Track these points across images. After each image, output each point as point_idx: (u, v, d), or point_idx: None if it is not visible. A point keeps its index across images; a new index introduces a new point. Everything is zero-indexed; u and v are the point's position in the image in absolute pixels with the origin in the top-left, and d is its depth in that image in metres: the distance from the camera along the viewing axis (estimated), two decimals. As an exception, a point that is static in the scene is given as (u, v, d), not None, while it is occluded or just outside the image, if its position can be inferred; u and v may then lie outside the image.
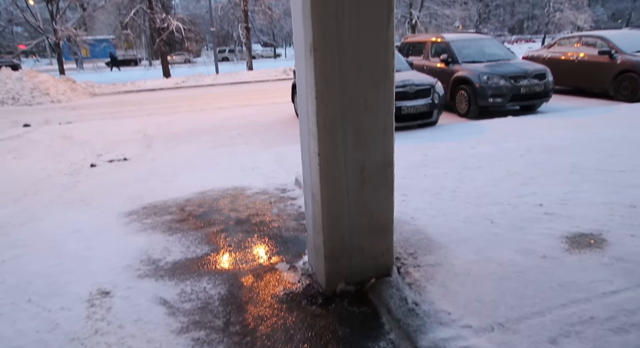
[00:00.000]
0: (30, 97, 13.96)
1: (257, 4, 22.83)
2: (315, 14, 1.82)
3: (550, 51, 10.73)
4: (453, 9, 30.89)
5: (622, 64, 8.75)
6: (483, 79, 7.84)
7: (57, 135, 8.27)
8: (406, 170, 4.44)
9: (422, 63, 9.30)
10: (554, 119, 7.07)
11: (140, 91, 17.56)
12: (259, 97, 13.10)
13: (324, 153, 2.06)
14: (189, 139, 7.44)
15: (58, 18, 21.20)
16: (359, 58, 1.93)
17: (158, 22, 20.57)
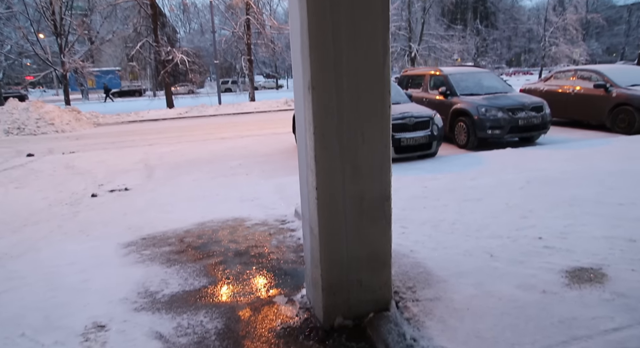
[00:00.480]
0: (36, 127, 14.16)
1: (260, 38, 23.47)
2: (313, 53, 1.88)
3: (547, 84, 10.94)
4: (451, 42, 31.68)
5: (617, 97, 8.91)
6: (481, 111, 7.96)
7: (59, 165, 8.34)
8: (406, 202, 4.45)
9: (421, 95, 9.47)
10: (553, 151, 7.13)
11: (144, 121, 17.82)
12: (260, 127, 13.27)
13: (322, 186, 2.08)
14: (190, 169, 7.49)
15: (66, 51, 21.82)
16: (356, 94, 1.99)
17: (163, 54, 21.10)
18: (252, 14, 22.43)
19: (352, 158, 2.07)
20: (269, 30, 23.62)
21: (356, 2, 1.89)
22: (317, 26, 1.86)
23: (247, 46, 23.12)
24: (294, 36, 2.06)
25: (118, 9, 23.08)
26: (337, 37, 1.89)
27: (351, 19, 1.88)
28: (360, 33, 1.91)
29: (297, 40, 2.01)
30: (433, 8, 33.29)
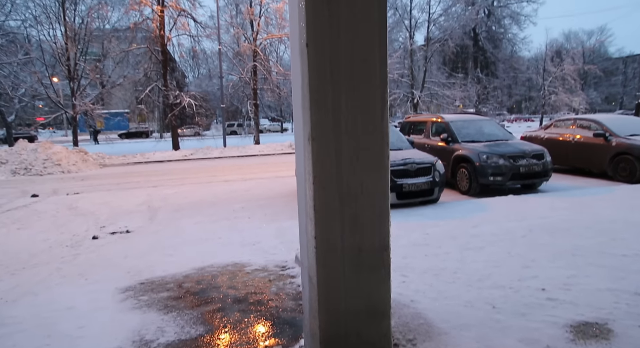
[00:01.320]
0: (42, 168, 14.36)
1: (266, 83, 24.19)
2: (313, 106, 1.96)
3: (547, 132, 11.10)
4: (453, 89, 32.46)
5: (617, 146, 9.01)
6: (483, 158, 8.05)
7: (63, 206, 8.39)
8: (407, 249, 4.42)
9: (423, 142, 9.61)
10: (555, 198, 7.13)
11: (149, 163, 18.06)
12: (264, 170, 13.40)
13: (321, 236, 2.10)
14: (193, 211, 7.51)
15: (78, 94, 22.50)
16: (356, 146, 2.05)
17: (171, 98, 21.70)
18: (259, 61, 23.26)
19: (351, 208, 2.10)
20: (275, 76, 24.39)
21: (355, 56, 1.99)
22: (317, 80, 1.94)
23: (253, 91, 23.79)
24: (296, 89, 2.15)
25: (130, 55, 24.00)
26: (336, 91, 1.97)
27: (350, 74, 1.98)
28: (359, 87, 2.00)
29: (298, 93, 2.10)
30: (434, 57, 34.41)
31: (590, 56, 53.91)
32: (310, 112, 1.95)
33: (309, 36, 1.84)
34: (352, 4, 1.88)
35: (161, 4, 21.26)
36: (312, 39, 1.84)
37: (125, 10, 22.36)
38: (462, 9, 34.96)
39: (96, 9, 23.80)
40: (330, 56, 1.87)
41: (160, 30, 21.35)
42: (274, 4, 23.30)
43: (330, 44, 1.85)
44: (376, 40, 1.92)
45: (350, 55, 1.90)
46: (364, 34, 1.90)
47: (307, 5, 1.82)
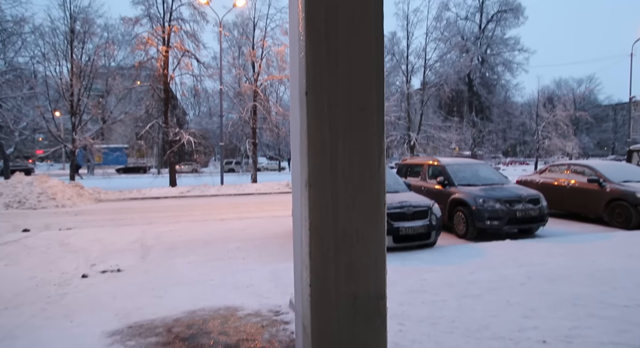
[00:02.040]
0: (36, 202, 14.25)
1: (266, 123, 24.55)
2: (311, 152, 1.97)
3: (542, 177, 11.20)
4: (449, 133, 33.01)
5: (611, 192, 9.07)
6: (479, 202, 8.06)
7: (54, 241, 8.25)
8: (404, 296, 4.32)
9: (420, 184, 9.65)
10: (553, 244, 7.08)
11: (145, 199, 17.96)
12: (260, 209, 13.33)
13: (315, 284, 2.05)
14: (187, 250, 7.39)
15: (79, 129, 22.72)
16: (352, 193, 2.04)
17: (171, 135, 21.93)
18: (259, 101, 23.72)
19: (347, 255, 2.07)
20: (274, 116, 24.80)
21: (353, 105, 2.02)
22: (315, 127, 1.97)
23: (252, 130, 24.10)
24: (294, 134, 2.17)
25: (133, 92, 24.48)
26: (334, 138, 1.99)
27: (348, 122, 2.00)
28: (357, 135, 2.02)
29: (296, 138, 2.12)
30: (431, 101, 35.22)
31: (580, 103, 55.39)
32: (308, 159, 1.96)
33: (308, 85, 1.87)
34: (350, 55, 1.93)
35: (166, 44, 21.94)
36: (312, 88, 1.88)
37: (132, 49, 23.00)
38: (456, 56, 36.18)
39: (103, 48, 24.47)
40: (329, 105, 1.90)
41: (164, 70, 21.89)
42: (276, 47, 24.08)
43: (329, 92, 1.89)
44: (374, 90, 1.96)
45: (348, 104, 1.93)
46: (362, 84, 1.94)
47: (307, 55, 1.87)
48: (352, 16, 2.25)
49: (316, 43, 2.13)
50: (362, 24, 2.32)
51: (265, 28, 24.37)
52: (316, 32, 2.16)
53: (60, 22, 22.94)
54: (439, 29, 34.32)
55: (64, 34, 22.88)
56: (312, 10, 2.24)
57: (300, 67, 2.08)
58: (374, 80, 2.00)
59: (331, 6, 2.25)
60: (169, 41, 22.06)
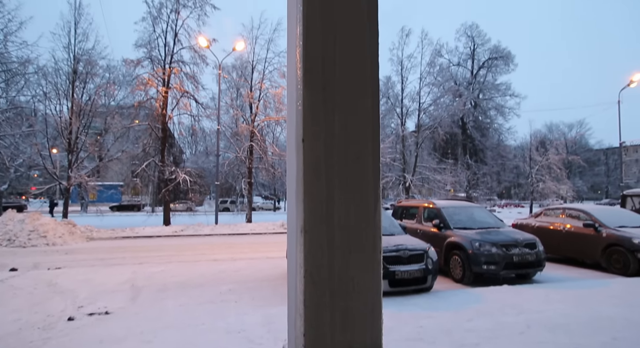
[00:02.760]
0: (27, 239, 14.01)
1: (262, 162, 24.70)
2: (307, 199, 1.98)
3: (537, 220, 11.20)
4: (444, 174, 33.28)
5: (608, 237, 9.05)
6: (475, 245, 8.00)
7: (41, 281, 8.04)
8: (400, 344, 4.20)
9: (416, 227, 9.61)
10: (551, 290, 6.97)
11: (138, 238, 17.70)
12: (254, 250, 13.14)
13: (310, 333, 1.99)
14: (178, 292, 7.21)
15: (75, 166, 22.73)
16: (348, 240, 2.03)
17: (167, 173, 21.96)
18: (256, 141, 23.98)
19: (342, 304, 2.03)
20: (271, 156, 24.99)
21: (349, 153, 2.05)
22: (311, 174, 1.98)
23: (248, 170, 24.20)
24: (290, 180, 2.18)
25: (131, 131, 24.73)
26: (330, 185, 2.00)
27: (344, 170, 2.02)
28: (353, 182, 2.03)
29: (292, 185, 2.12)
30: (425, 143, 35.74)
31: (572, 147, 56.41)
32: (304, 205, 1.96)
33: (305, 133, 1.91)
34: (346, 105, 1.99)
35: (166, 85, 22.42)
36: (308, 136, 1.91)
37: (132, 89, 23.47)
38: (450, 100, 37.15)
39: (104, 88, 24.96)
40: (325, 153, 1.93)
41: (162, 109, 22.25)
42: (273, 89, 24.66)
43: (325, 141, 1.92)
44: (369, 139, 2.00)
45: (344, 152, 1.96)
46: (358, 133, 1.98)
47: (305, 104, 1.92)
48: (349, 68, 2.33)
49: (313, 93, 2.19)
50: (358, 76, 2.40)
51: (264, 71, 25.07)
52: (314, 82, 2.23)
53: (63, 63, 23.53)
54: (433, 74, 35.43)
55: (66, 75, 23.39)
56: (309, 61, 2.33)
57: (297, 114, 2.13)
58: (370, 129, 2.04)
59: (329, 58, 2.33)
60: (169, 82, 22.56)
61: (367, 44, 1.25)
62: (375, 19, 1.13)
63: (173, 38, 22.78)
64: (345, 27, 1.19)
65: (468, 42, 41.44)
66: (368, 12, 1.21)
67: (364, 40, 1.33)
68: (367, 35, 1.16)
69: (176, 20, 22.77)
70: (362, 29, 1.18)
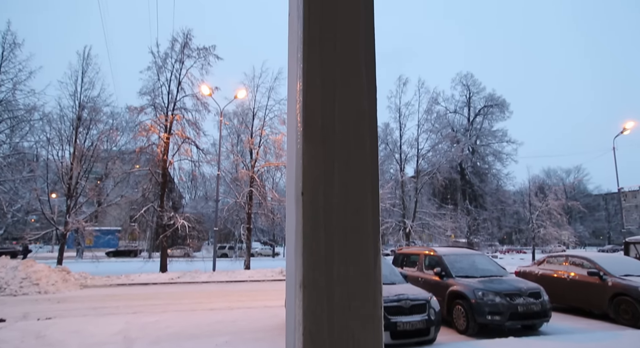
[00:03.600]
0: (18, 288, 13.67)
1: (261, 208, 24.63)
2: (305, 253, 1.94)
3: (541, 268, 11.00)
4: (444, 220, 33.10)
5: (614, 286, 8.84)
6: (478, 295, 7.81)
7: (30, 333, 7.75)
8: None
9: (417, 275, 9.42)
10: (559, 343, 6.72)
11: (133, 285, 17.29)
12: (252, 298, 12.79)
13: (308, 396, 1.90)
14: (172, 344, 6.94)
15: (73, 212, 22.61)
16: (348, 296, 1.98)
17: (165, 219, 21.83)
18: (256, 187, 24.05)
19: (342, 364, 1.94)
20: (270, 202, 24.96)
21: (348, 207, 2.04)
22: (310, 228, 1.96)
23: (247, 215, 24.09)
24: (289, 233, 2.16)
25: (131, 175, 24.86)
26: (329, 239, 1.97)
27: (343, 223, 2.01)
28: (352, 236, 2.01)
29: (291, 238, 2.10)
30: (424, 188, 35.83)
31: (571, 192, 56.54)
32: (303, 259, 1.93)
33: (304, 186, 1.91)
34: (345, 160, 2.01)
35: (168, 131, 22.80)
36: (308, 189, 1.91)
37: (134, 135, 23.85)
38: (447, 146, 37.66)
39: (107, 134, 25.35)
40: (325, 206, 1.93)
41: (163, 155, 22.49)
42: (273, 135, 25.07)
43: (324, 194, 1.92)
44: (368, 193, 2.00)
45: (344, 206, 1.96)
46: (357, 187, 1.98)
47: (304, 158, 1.94)
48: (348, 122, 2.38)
49: (313, 147, 2.22)
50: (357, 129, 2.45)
51: (264, 118, 25.60)
52: (313, 136, 2.26)
53: (68, 110, 24.02)
54: (430, 121, 36.15)
55: (70, 121, 23.81)
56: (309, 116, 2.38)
57: (297, 168, 2.14)
58: (369, 182, 2.05)
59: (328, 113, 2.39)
60: (171, 128, 22.97)
61: (365, 98, 1.27)
62: (373, 73, 1.16)
63: (177, 86, 23.47)
64: (344, 83, 1.22)
65: (464, 90, 42.67)
66: (366, 68, 1.24)
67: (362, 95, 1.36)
68: (365, 91, 1.19)
69: (180, 70, 23.59)
70: (360, 85, 1.21)
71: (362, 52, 1.23)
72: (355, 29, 1.20)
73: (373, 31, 1.16)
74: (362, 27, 1.18)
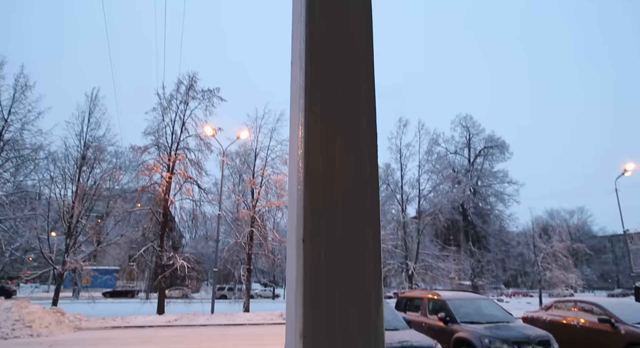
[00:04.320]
0: (10, 330, 13.27)
1: (262, 249, 24.34)
2: (306, 303, 1.89)
3: (549, 314, 10.67)
4: (447, 262, 32.53)
5: (627, 335, 8.50)
6: (485, 342, 7.53)
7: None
8: None
9: (420, 320, 9.14)
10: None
11: (129, 328, 16.78)
12: (250, 344, 12.37)
13: None
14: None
15: (72, 251, 22.37)
16: (349, 346, 1.90)
17: (165, 259, 21.53)
18: (256, 227, 23.87)
19: None
20: (271, 242, 24.70)
21: (350, 254, 2.00)
22: (311, 276, 1.91)
23: (247, 256, 23.76)
24: (290, 281, 2.10)
25: (132, 214, 24.78)
26: (330, 288, 1.92)
27: (344, 271, 1.96)
28: (354, 285, 1.96)
29: (292, 286, 2.04)
30: (427, 229, 35.48)
31: (576, 234, 55.78)
32: (303, 309, 1.87)
33: (305, 233, 1.89)
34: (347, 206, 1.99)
35: (170, 171, 22.95)
36: (309, 236, 1.88)
37: (137, 174, 24.00)
38: (449, 187, 37.68)
39: (110, 173, 25.52)
40: (326, 253, 1.89)
41: (165, 194, 22.51)
42: (275, 175, 25.19)
43: (325, 241, 1.89)
44: (370, 239, 1.96)
45: (345, 252, 1.92)
46: (359, 234, 1.95)
47: (305, 204, 1.92)
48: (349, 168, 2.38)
49: (314, 194, 2.21)
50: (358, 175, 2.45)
51: (266, 158, 25.83)
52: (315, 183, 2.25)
53: (73, 149, 24.33)
54: (431, 162, 36.35)
55: (75, 160, 24.06)
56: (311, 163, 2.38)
57: (298, 215, 2.12)
58: (370, 229, 2.01)
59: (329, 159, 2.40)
60: (174, 168, 23.13)
61: (366, 143, 1.27)
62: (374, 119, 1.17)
63: (180, 127, 23.88)
64: (345, 130, 1.22)
65: (463, 131, 43.22)
66: (367, 116, 1.25)
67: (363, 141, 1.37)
68: (366, 137, 1.19)
69: (185, 111, 24.08)
70: (361, 132, 1.21)
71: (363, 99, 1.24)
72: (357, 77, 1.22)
73: (373, 78, 1.17)
74: (363, 74, 1.20)
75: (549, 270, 34.52)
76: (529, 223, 39.94)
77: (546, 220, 56.92)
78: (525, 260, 41.58)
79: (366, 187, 2.10)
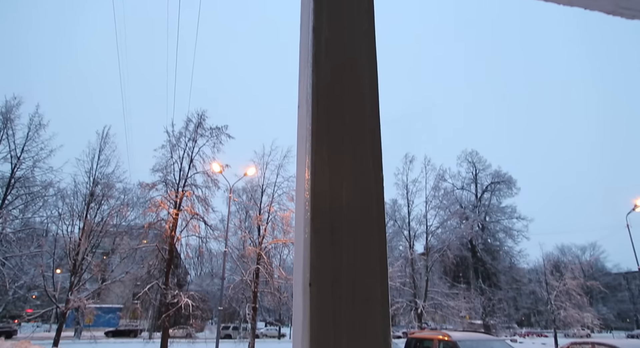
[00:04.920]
0: (10, 371, 12.98)
1: (267, 286, 23.96)
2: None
3: (565, 357, 10.28)
4: (457, 300, 31.70)
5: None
6: (499, 388, 7.23)
7: None
8: None
9: (431, 362, 8.84)
10: None
11: (129, 370, 16.34)
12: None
13: None
14: None
15: (76, 289, 22.15)
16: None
17: (169, 297, 21.20)
18: (262, 264, 23.60)
19: None
20: (277, 280, 24.34)
21: (357, 296, 1.99)
22: (318, 320, 1.90)
23: (253, 294, 23.36)
24: (296, 327, 2.08)
25: (138, 251, 24.67)
26: (338, 332, 1.90)
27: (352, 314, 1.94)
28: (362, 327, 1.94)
29: (298, 334, 2.02)
30: (435, 266, 34.80)
31: (589, 270, 54.33)
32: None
33: (312, 276, 1.89)
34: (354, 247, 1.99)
35: (177, 207, 23.00)
36: (315, 279, 1.88)
37: (144, 211, 24.06)
38: (457, 223, 37.24)
39: (117, 209, 25.64)
40: (333, 297, 1.88)
41: (171, 231, 22.47)
42: (282, 212, 25.16)
43: (332, 285, 1.88)
44: (377, 281, 1.95)
45: (352, 295, 1.91)
46: (366, 275, 1.95)
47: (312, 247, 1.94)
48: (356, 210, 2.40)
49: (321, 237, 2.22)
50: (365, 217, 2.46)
51: (273, 194, 25.89)
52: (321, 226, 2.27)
53: (82, 186, 24.61)
54: (438, 198, 36.14)
55: (83, 196, 24.28)
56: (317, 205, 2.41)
57: (304, 258, 2.12)
58: (378, 271, 2.01)
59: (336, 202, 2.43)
60: (180, 205, 23.20)
61: (373, 183, 1.31)
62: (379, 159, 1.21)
63: (188, 163, 24.14)
64: (352, 172, 1.26)
65: (470, 167, 43.22)
66: (373, 158, 1.29)
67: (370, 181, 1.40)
68: (373, 177, 1.23)
69: (193, 148, 24.42)
70: (368, 173, 1.25)
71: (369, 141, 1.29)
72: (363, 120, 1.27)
73: (379, 119, 1.22)
74: (369, 116, 1.25)
75: (563, 308, 33.42)
76: (539, 259, 39.13)
77: (557, 256, 55.61)
78: (537, 298, 40.40)
79: (373, 228, 2.13)
